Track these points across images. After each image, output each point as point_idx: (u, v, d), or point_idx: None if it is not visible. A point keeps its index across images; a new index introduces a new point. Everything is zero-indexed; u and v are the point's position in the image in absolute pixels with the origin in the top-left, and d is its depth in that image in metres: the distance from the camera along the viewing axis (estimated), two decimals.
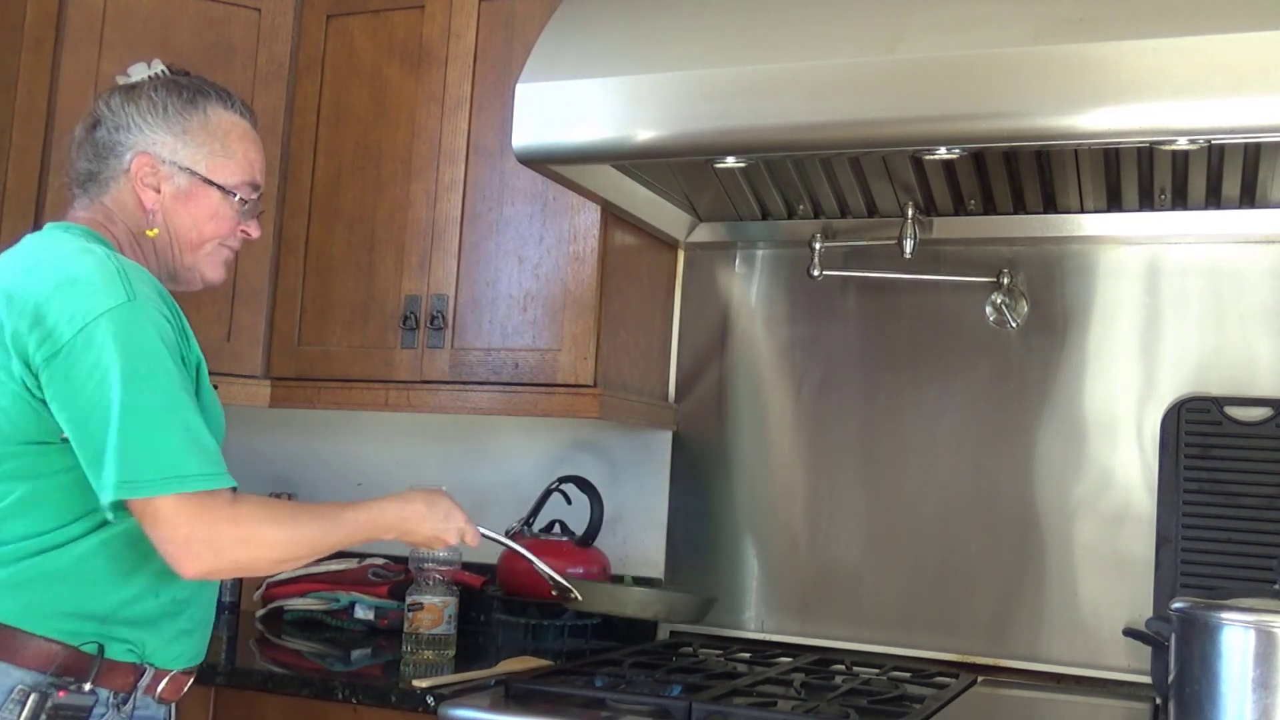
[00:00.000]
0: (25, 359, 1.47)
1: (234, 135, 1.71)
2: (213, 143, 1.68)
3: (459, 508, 1.75)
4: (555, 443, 2.71)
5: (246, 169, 1.72)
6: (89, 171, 1.67)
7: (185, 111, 1.67)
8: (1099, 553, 2.25)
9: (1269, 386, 2.18)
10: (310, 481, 2.92)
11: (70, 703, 1.48)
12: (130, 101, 1.66)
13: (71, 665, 1.49)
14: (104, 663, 1.51)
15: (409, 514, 1.69)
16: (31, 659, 1.48)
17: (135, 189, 1.65)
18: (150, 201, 1.65)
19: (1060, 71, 1.64)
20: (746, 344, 2.56)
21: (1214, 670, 1.70)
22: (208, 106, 1.69)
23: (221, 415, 1.66)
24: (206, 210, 1.68)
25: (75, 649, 1.50)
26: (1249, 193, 2.12)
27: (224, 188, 1.69)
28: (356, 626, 2.57)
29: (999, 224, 2.34)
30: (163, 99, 1.66)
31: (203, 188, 1.68)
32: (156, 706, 1.61)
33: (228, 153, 1.69)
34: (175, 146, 1.66)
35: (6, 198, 2.43)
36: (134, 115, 1.65)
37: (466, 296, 2.42)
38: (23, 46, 2.45)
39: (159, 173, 1.65)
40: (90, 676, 1.50)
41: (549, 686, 1.92)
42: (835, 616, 2.42)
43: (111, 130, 1.65)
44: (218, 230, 1.70)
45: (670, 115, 1.86)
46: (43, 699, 1.46)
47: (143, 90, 1.67)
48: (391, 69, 2.54)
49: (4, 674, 1.47)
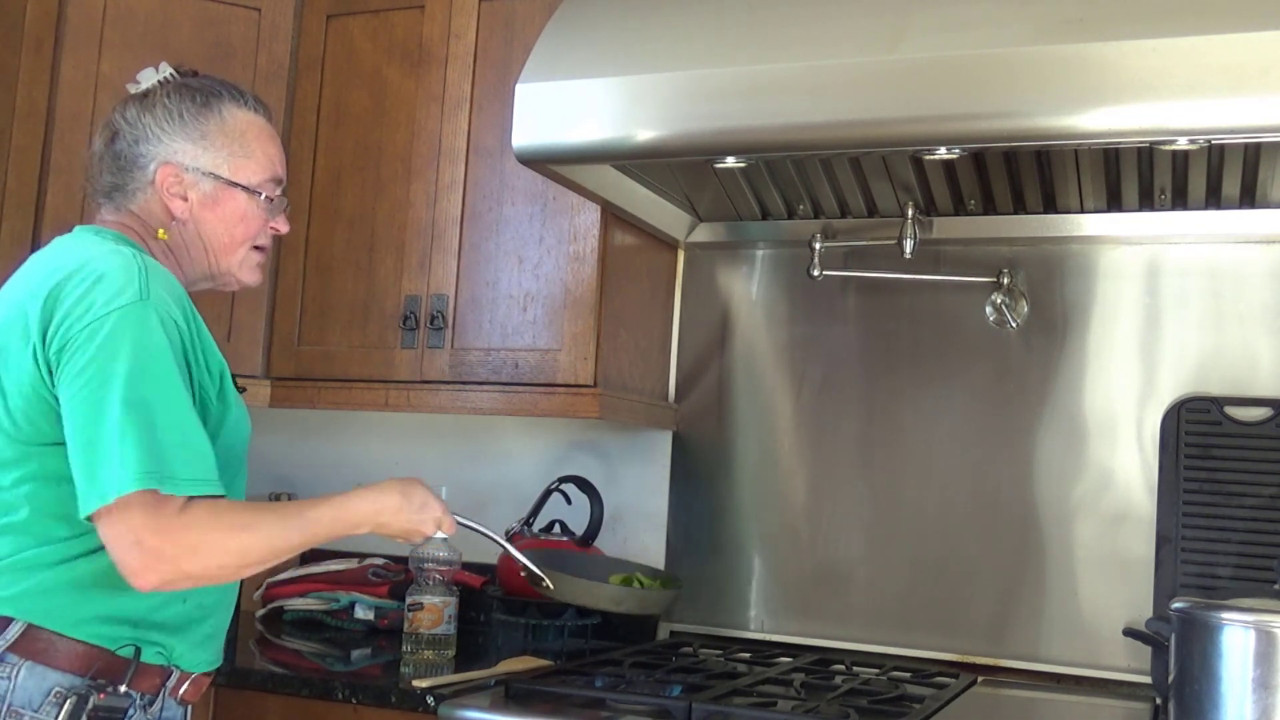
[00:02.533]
0: (44, 354, 1.48)
1: (251, 133, 1.71)
2: (232, 144, 1.68)
3: (435, 496, 1.71)
4: (555, 443, 2.71)
5: (268, 166, 1.72)
6: (113, 184, 1.67)
7: (201, 116, 1.67)
8: (1099, 553, 2.25)
9: (1269, 386, 2.18)
10: (310, 481, 2.92)
11: (108, 704, 1.50)
12: (146, 111, 1.67)
13: (107, 668, 1.51)
14: (138, 665, 1.53)
15: (382, 507, 1.64)
16: (68, 662, 1.49)
17: (163, 199, 1.66)
18: (179, 210, 1.66)
19: (1060, 71, 1.64)
20: (746, 344, 2.56)
21: (1214, 670, 1.71)
22: (222, 108, 1.69)
23: (246, 420, 1.67)
24: (235, 212, 1.69)
25: (111, 652, 1.51)
26: (1249, 193, 2.12)
27: (249, 188, 1.70)
28: (356, 626, 2.57)
29: (999, 224, 2.34)
30: (177, 105, 1.67)
31: (228, 190, 1.68)
32: (177, 707, 1.63)
33: (247, 152, 1.70)
34: (196, 153, 1.66)
35: (6, 198, 2.43)
36: (151, 125, 1.66)
37: (466, 296, 2.42)
38: (23, 46, 2.45)
39: (184, 181, 1.66)
40: (126, 679, 1.51)
41: (549, 686, 1.92)
42: (835, 616, 2.42)
43: (131, 143, 1.66)
44: (248, 231, 1.71)
45: (670, 115, 1.86)
46: (81, 701, 1.47)
47: (156, 98, 1.67)
48: (391, 69, 2.54)
49: (41, 676, 1.47)
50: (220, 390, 1.59)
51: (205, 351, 1.58)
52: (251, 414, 1.72)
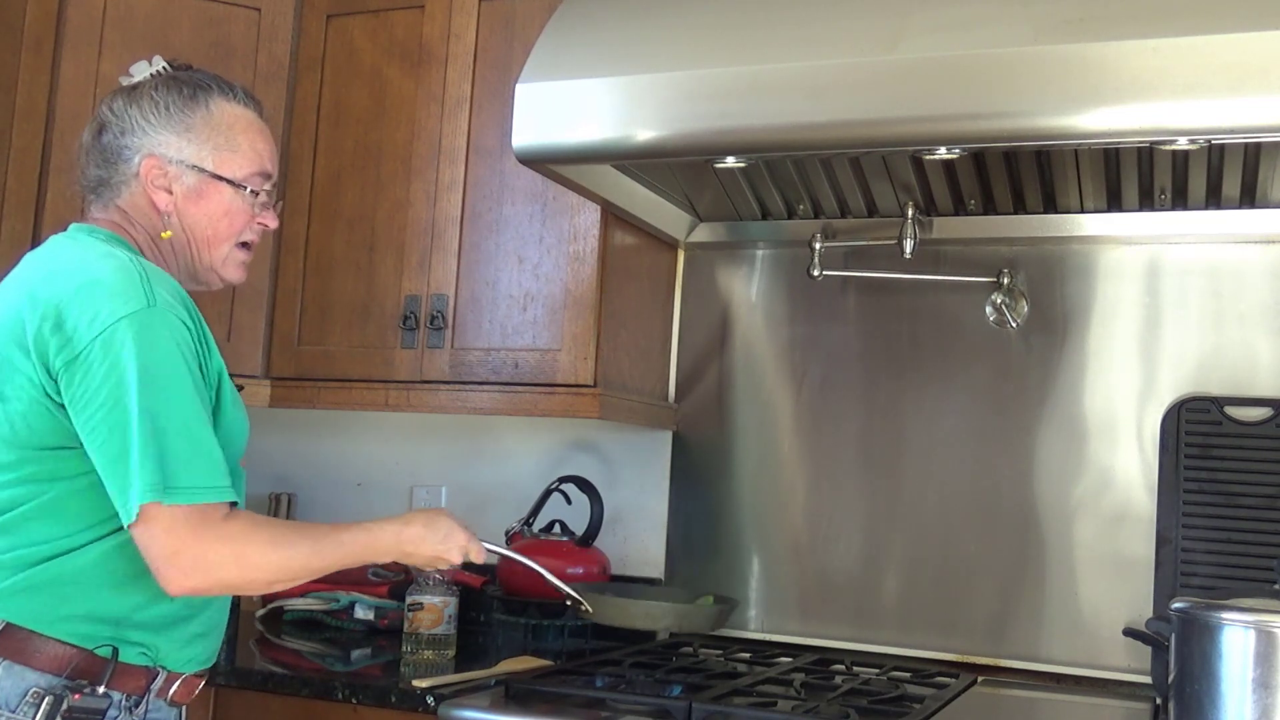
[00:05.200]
0: (46, 363, 1.47)
1: (238, 127, 1.69)
2: (217, 137, 1.66)
3: (461, 526, 1.72)
4: (555, 443, 2.71)
5: (255, 159, 1.70)
6: (100, 178, 1.66)
7: (187, 108, 1.65)
8: (1099, 553, 2.25)
9: (1269, 386, 2.18)
10: (310, 481, 2.92)
11: (84, 705, 1.49)
12: (133, 104, 1.65)
13: (85, 668, 1.50)
14: (118, 665, 1.52)
15: (406, 537, 1.66)
16: (46, 661, 1.48)
17: (147, 191, 1.64)
18: (163, 203, 1.64)
19: (1060, 71, 1.64)
20: (746, 344, 2.56)
21: (1214, 670, 1.70)
22: (209, 100, 1.67)
23: (245, 422, 1.66)
24: (219, 207, 1.67)
25: (89, 652, 1.50)
26: (1249, 193, 2.12)
27: (234, 181, 1.67)
28: (356, 626, 2.57)
29: (999, 224, 2.34)
30: (164, 98, 1.65)
31: (212, 184, 1.66)
32: (168, 709, 1.61)
33: (233, 145, 1.67)
34: (180, 145, 1.64)
35: (6, 198, 2.43)
36: (137, 117, 1.64)
37: (466, 296, 2.42)
38: (23, 47, 2.45)
39: (168, 173, 1.64)
40: (104, 679, 1.50)
41: (549, 686, 1.92)
42: (835, 616, 2.42)
43: (117, 135, 1.64)
44: (233, 226, 1.69)
45: (670, 115, 1.86)
46: (57, 701, 1.47)
47: (144, 90, 1.66)
48: (391, 69, 2.54)
49: (19, 676, 1.47)
50: (217, 391, 1.59)
51: (208, 350, 1.57)
52: (251, 414, 1.71)
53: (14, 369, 1.49)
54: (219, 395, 1.59)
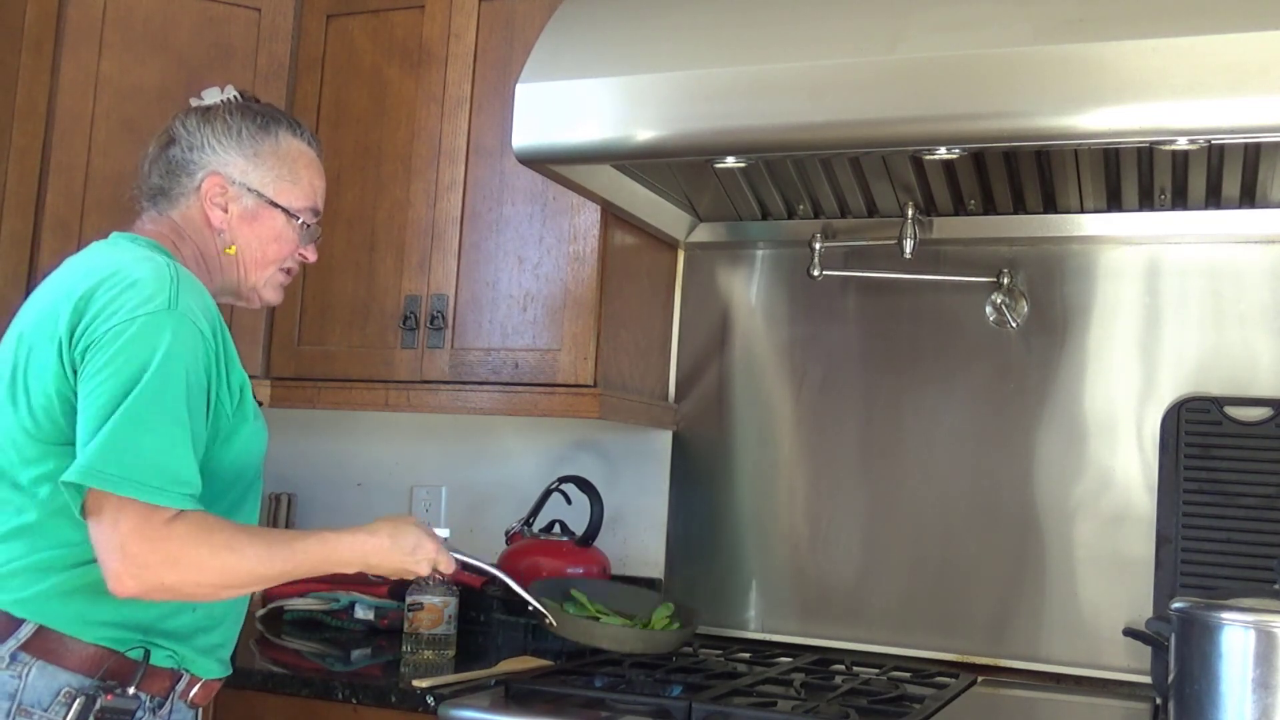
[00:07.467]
0: (70, 353, 1.50)
1: (301, 162, 1.77)
2: (281, 168, 1.74)
3: (429, 535, 1.72)
4: (555, 443, 2.71)
5: (310, 195, 1.78)
6: (160, 187, 1.72)
7: (258, 136, 1.73)
8: (1099, 553, 2.25)
9: (1269, 386, 2.18)
10: (310, 481, 2.92)
11: (116, 706, 1.51)
12: (206, 123, 1.72)
13: (117, 669, 1.52)
14: (148, 668, 1.54)
15: (370, 549, 1.65)
16: (78, 662, 1.50)
17: (204, 207, 1.71)
18: (218, 220, 1.71)
19: (1060, 71, 1.64)
20: (746, 344, 2.56)
21: (1214, 670, 1.70)
22: (279, 133, 1.75)
23: (263, 436, 1.69)
24: (271, 231, 1.74)
25: (121, 654, 1.53)
26: (1249, 193, 2.12)
27: (289, 210, 1.75)
28: (356, 626, 2.57)
29: (999, 224, 2.34)
30: (237, 123, 1.73)
31: (268, 210, 1.74)
32: (187, 710, 1.64)
33: (295, 178, 1.76)
34: (246, 169, 1.72)
35: (6, 198, 2.43)
36: (209, 136, 1.71)
37: (466, 296, 2.42)
38: (23, 47, 2.45)
39: (228, 193, 1.71)
40: (134, 681, 1.53)
41: (549, 686, 1.92)
42: (835, 616, 2.42)
43: (186, 149, 1.71)
44: (280, 251, 1.76)
45: (670, 115, 1.86)
46: (89, 702, 1.49)
47: (218, 113, 1.74)
48: (391, 69, 2.54)
49: (51, 676, 1.49)
50: (239, 404, 1.61)
51: (228, 364, 1.60)
52: None
53: (42, 363, 1.52)
54: (240, 407, 1.61)
